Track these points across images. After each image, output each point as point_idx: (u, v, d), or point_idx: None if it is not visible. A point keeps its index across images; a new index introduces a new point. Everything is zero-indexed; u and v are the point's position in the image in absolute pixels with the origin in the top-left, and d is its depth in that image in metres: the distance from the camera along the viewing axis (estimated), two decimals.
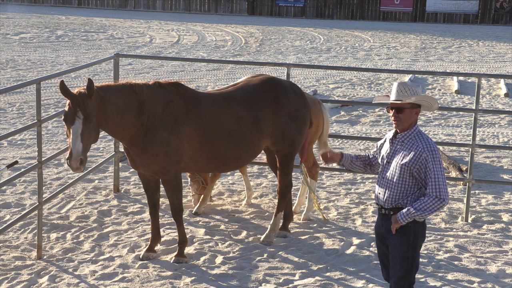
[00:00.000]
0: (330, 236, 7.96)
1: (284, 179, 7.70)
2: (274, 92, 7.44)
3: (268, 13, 38.89)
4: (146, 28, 30.05)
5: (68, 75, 17.32)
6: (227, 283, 6.72)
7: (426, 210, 5.14)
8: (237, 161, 7.39)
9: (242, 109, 7.22)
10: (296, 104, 7.53)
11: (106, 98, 6.56)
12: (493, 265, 7.33)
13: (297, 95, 7.61)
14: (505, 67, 22.35)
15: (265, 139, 7.39)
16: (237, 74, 19.19)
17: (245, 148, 7.28)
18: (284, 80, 7.82)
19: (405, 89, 5.28)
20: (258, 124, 7.26)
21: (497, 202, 9.35)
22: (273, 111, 7.35)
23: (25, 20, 31.20)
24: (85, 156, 6.37)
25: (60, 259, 7.17)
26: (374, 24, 35.62)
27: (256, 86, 7.45)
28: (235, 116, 7.18)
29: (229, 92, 7.37)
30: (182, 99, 6.98)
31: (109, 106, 6.57)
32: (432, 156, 5.16)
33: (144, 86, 6.87)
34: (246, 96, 7.31)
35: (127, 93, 6.74)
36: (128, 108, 6.69)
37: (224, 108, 7.18)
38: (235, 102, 7.24)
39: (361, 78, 19.26)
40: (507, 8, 37.38)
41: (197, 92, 7.29)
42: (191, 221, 8.31)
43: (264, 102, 7.34)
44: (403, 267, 5.35)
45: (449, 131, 13.40)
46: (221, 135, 7.12)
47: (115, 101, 6.62)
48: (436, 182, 5.12)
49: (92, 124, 6.39)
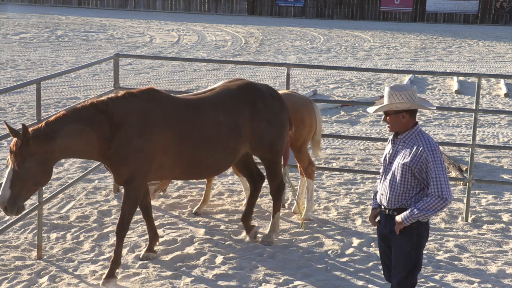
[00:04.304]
0: (330, 236, 7.96)
1: (273, 183, 7.67)
2: (251, 97, 7.29)
3: (268, 13, 38.89)
4: (146, 28, 30.05)
5: (68, 75, 17.33)
6: (227, 283, 6.72)
7: (429, 210, 5.14)
8: (215, 167, 7.20)
9: (220, 114, 7.04)
10: (274, 108, 7.42)
11: (58, 131, 6.19)
12: (493, 265, 7.33)
13: (274, 99, 7.49)
14: (505, 67, 22.35)
15: (244, 144, 7.24)
16: (237, 74, 19.18)
17: (223, 154, 7.10)
18: (261, 85, 7.61)
19: (392, 94, 5.28)
20: (236, 129, 7.11)
21: (497, 202, 9.35)
22: (250, 116, 7.22)
23: (25, 20, 31.20)
24: (13, 202, 6.02)
25: (60, 259, 7.17)
26: (374, 24, 35.63)
27: (233, 91, 7.28)
28: (213, 122, 6.99)
29: (206, 97, 7.16)
30: (158, 105, 6.72)
31: (65, 137, 6.23)
32: (433, 155, 5.15)
33: (109, 100, 6.57)
34: (223, 101, 7.13)
35: (88, 114, 6.41)
36: (93, 128, 6.38)
37: (202, 113, 6.97)
38: (212, 107, 7.05)
39: (361, 78, 19.26)
40: (507, 8, 37.37)
41: (172, 97, 7.03)
42: (191, 221, 8.31)
43: (241, 107, 7.19)
44: (406, 267, 5.35)
45: (449, 131, 13.40)
46: (199, 141, 6.91)
47: (73, 129, 6.28)
48: (438, 181, 5.11)
49: (26, 170, 6.03)
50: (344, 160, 11.19)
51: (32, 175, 6.12)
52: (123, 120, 6.51)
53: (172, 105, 6.85)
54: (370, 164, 11.00)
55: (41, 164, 6.14)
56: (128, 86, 16.25)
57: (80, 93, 15.89)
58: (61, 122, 6.28)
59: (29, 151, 6.06)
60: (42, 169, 6.17)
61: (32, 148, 6.07)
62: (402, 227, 5.27)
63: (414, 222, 5.24)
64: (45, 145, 6.15)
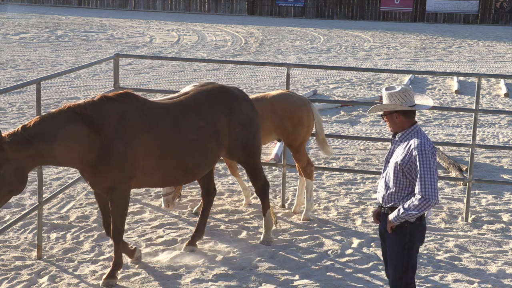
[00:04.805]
0: (330, 236, 7.96)
1: (257, 183, 7.62)
2: (227, 101, 7.19)
3: (268, 13, 38.90)
4: (146, 28, 30.05)
5: (68, 75, 17.32)
6: (227, 283, 6.72)
7: (414, 210, 5.16)
8: (195, 172, 7.02)
9: (199, 118, 6.91)
10: (248, 112, 7.36)
11: (35, 136, 5.94)
12: (493, 265, 7.33)
13: (247, 103, 7.44)
14: (505, 67, 22.35)
15: (222, 149, 7.15)
16: (237, 74, 19.19)
17: (203, 159, 6.96)
18: (233, 88, 7.49)
19: (387, 96, 5.35)
20: (215, 134, 7.00)
21: (497, 202, 9.35)
22: (227, 121, 7.12)
23: (25, 20, 31.20)
24: None
25: (60, 259, 7.17)
26: (374, 24, 35.63)
27: (209, 95, 7.12)
28: (194, 126, 6.85)
29: (183, 101, 6.98)
30: (136, 109, 6.53)
31: (43, 143, 5.98)
32: (422, 155, 5.17)
33: (87, 104, 6.35)
34: (200, 105, 6.99)
35: (65, 119, 6.18)
36: (72, 132, 6.16)
37: (181, 117, 6.82)
38: (190, 111, 6.90)
39: (361, 78, 19.26)
40: (507, 8, 37.37)
41: (150, 101, 6.85)
42: (191, 221, 8.31)
43: (218, 111, 7.08)
44: (399, 267, 5.38)
45: (449, 131, 13.40)
46: (180, 145, 6.74)
47: (46, 135, 6.02)
48: (423, 181, 5.14)
49: (1, 177, 5.79)
50: (344, 160, 11.19)
51: (8, 182, 5.85)
52: (102, 124, 6.30)
53: (150, 108, 6.67)
54: (370, 164, 11.00)
55: (17, 171, 5.89)
56: (128, 86, 16.24)
57: (80, 93, 15.89)
58: (38, 127, 6.02)
59: (4, 157, 5.79)
60: (18, 176, 5.91)
61: (7, 153, 5.81)
62: (393, 226, 5.30)
63: (406, 222, 5.26)
64: (21, 151, 5.89)
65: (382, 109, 5.39)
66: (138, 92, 9.20)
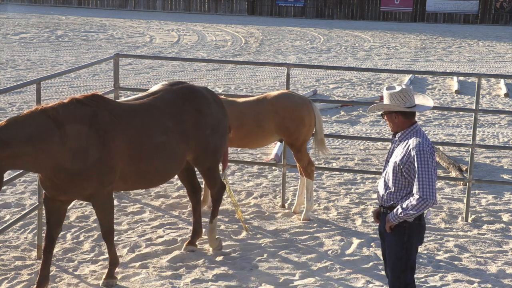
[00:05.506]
0: (330, 236, 7.96)
1: (214, 188, 7.47)
2: (196, 102, 7.01)
3: (268, 13, 38.90)
4: (146, 28, 30.05)
5: (68, 75, 17.33)
6: (227, 283, 6.72)
7: (412, 210, 5.17)
8: (165, 175, 6.88)
9: (168, 120, 6.74)
10: (218, 115, 7.18)
11: (6, 139, 5.69)
12: (493, 265, 7.33)
13: (217, 105, 7.27)
14: (505, 67, 22.35)
15: (189, 151, 6.97)
16: (237, 74, 19.20)
17: (172, 161, 6.81)
18: (203, 89, 7.28)
19: (387, 96, 5.37)
20: (184, 136, 6.83)
21: (497, 202, 9.36)
22: (196, 123, 6.95)
23: (25, 20, 31.20)
24: None
25: (60, 259, 7.17)
26: (374, 24, 35.63)
27: (177, 96, 6.94)
28: (162, 127, 6.68)
29: (151, 101, 6.80)
30: (106, 111, 6.34)
31: (14, 146, 5.74)
32: (420, 155, 5.17)
33: (59, 106, 6.13)
34: (168, 106, 6.81)
35: (39, 121, 5.94)
36: (45, 136, 5.92)
37: (150, 119, 6.65)
38: (160, 112, 6.73)
39: (361, 78, 19.26)
40: (507, 8, 37.37)
41: (118, 102, 6.72)
42: (191, 221, 8.30)
43: (187, 113, 6.90)
44: (397, 267, 5.39)
45: (449, 131, 13.40)
46: (150, 147, 6.58)
47: (22, 136, 5.78)
48: (420, 181, 5.14)
49: None
50: (344, 160, 11.19)
51: None
52: (75, 128, 6.12)
53: (120, 110, 6.51)
54: (370, 164, 11.00)
55: None
56: (128, 86, 16.27)
57: (80, 93, 15.89)
58: (10, 129, 5.77)
59: None
60: None
61: None
62: (392, 226, 5.31)
63: (405, 221, 5.26)
64: None
65: (381, 109, 5.42)
66: (138, 92, 9.19)
